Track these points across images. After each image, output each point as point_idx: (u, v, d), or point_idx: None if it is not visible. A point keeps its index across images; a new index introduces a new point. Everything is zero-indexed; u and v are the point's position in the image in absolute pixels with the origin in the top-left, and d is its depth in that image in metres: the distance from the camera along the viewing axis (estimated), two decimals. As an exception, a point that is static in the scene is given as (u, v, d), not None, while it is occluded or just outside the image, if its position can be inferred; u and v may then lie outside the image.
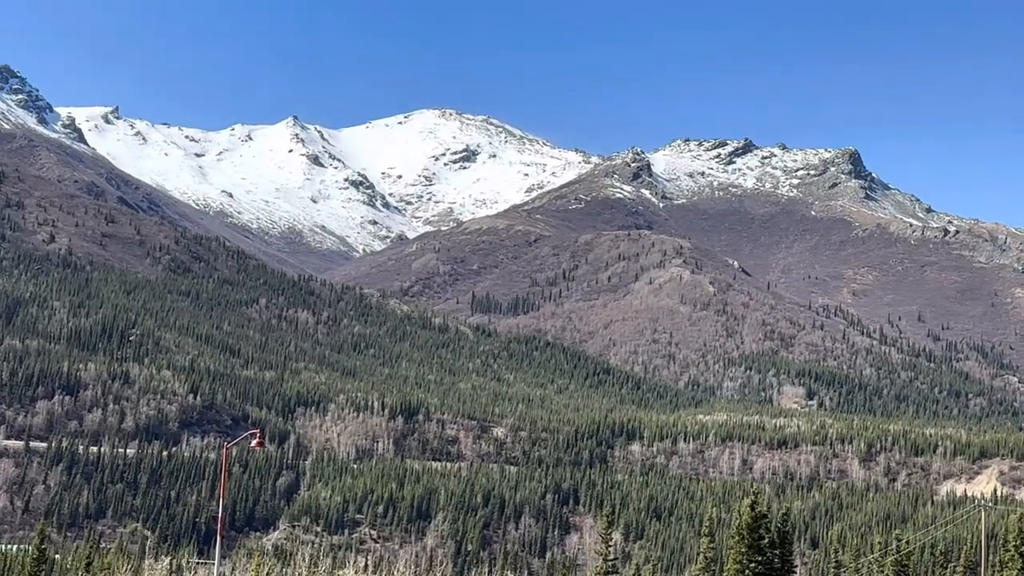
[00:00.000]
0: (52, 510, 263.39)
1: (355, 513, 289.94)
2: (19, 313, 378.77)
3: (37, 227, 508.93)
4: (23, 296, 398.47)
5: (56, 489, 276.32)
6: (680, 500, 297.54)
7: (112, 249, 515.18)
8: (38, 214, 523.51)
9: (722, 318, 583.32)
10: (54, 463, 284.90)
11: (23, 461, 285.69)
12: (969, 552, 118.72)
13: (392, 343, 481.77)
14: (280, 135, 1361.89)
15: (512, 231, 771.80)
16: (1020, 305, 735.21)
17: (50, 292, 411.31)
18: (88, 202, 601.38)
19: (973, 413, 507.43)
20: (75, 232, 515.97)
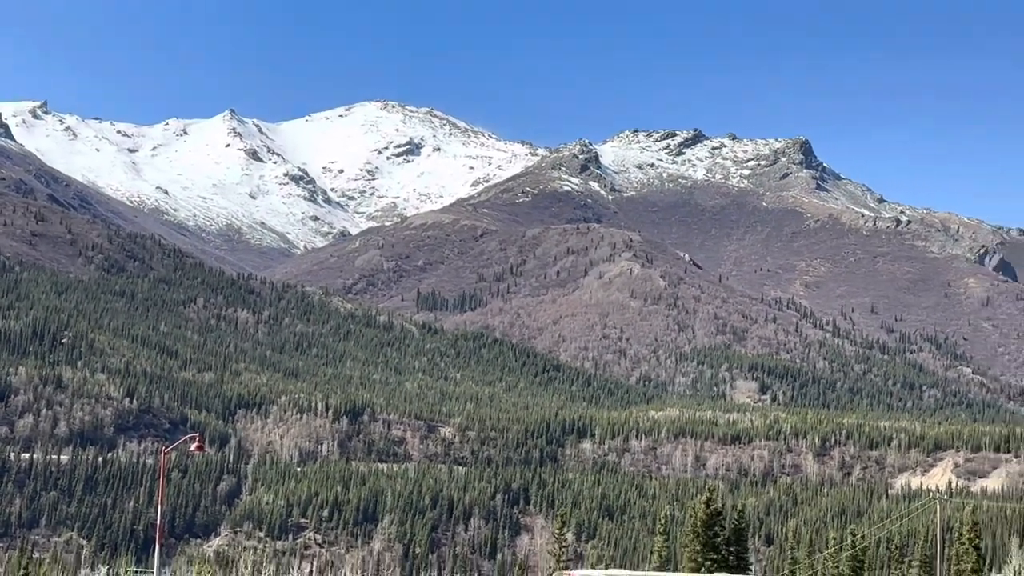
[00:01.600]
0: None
1: (299, 517, 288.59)
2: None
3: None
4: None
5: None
6: (633, 498, 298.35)
7: (42, 249, 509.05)
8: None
9: (673, 312, 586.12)
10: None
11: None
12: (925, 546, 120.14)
13: (335, 342, 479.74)
14: (216, 129, 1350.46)
15: (458, 226, 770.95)
16: (973, 295, 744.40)
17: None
18: (16, 200, 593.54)
19: (927, 405, 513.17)
20: (3, 231, 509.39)
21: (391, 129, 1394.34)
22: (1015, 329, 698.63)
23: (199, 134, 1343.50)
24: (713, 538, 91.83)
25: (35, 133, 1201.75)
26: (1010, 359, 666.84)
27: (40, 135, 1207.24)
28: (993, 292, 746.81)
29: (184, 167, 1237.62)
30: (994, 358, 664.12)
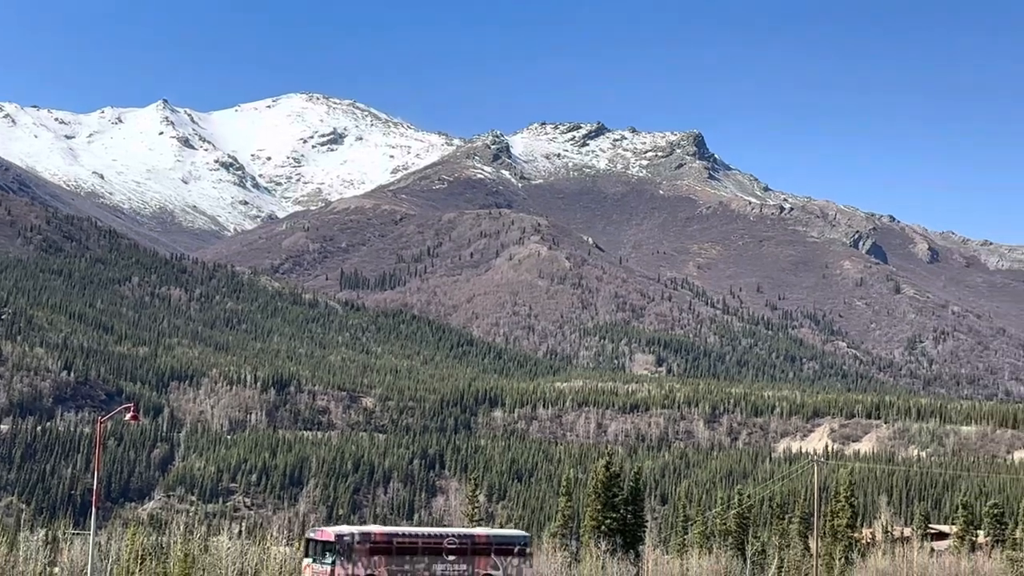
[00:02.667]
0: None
1: (229, 482, 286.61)
2: None
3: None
4: None
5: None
6: (540, 462, 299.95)
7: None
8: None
9: (577, 291, 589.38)
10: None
11: None
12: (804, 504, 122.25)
13: (264, 319, 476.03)
14: (150, 118, 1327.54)
15: (379, 210, 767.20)
16: (848, 276, 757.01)
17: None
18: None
19: (807, 376, 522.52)
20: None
21: (316, 119, 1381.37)
22: (885, 307, 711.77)
23: (133, 122, 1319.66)
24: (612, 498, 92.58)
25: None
26: (881, 334, 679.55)
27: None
28: (866, 273, 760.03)
29: (119, 153, 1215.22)
30: (866, 333, 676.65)
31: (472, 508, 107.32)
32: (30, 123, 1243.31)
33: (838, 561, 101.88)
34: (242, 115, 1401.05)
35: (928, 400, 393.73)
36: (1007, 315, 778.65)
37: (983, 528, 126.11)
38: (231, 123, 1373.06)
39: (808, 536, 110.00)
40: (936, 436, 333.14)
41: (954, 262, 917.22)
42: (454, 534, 59.67)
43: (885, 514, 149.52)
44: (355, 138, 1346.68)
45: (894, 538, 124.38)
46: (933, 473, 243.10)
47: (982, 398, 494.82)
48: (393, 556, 55.94)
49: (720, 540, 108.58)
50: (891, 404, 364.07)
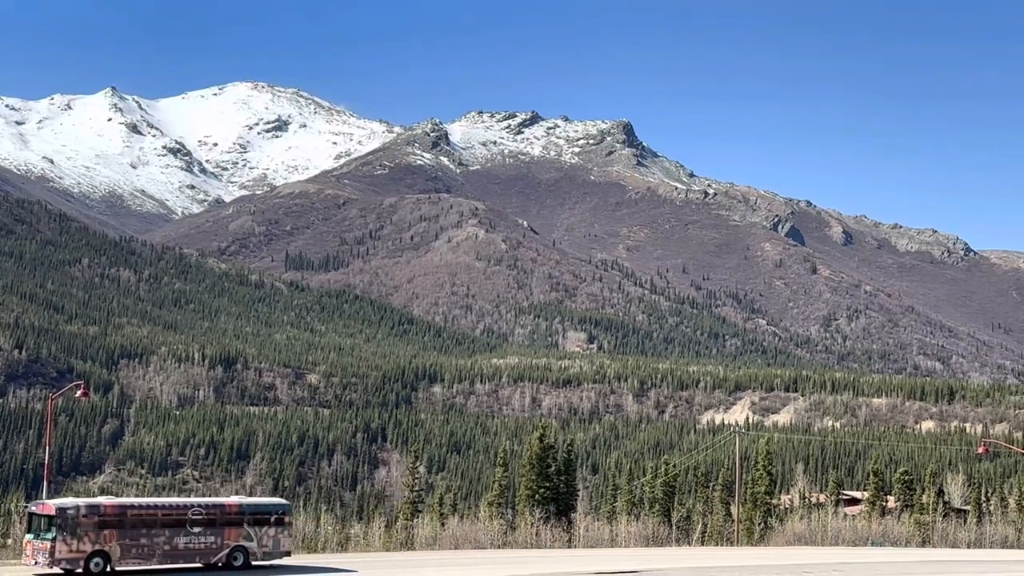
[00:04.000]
0: None
1: (178, 456, 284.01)
2: None
3: None
4: None
5: None
6: (477, 435, 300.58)
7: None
8: None
9: (513, 272, 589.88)
10: None
11: None
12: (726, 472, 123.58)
13: (211, 299, 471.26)
14: (99, 105, 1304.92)
15: (322, 195, 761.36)
16: (768, 257, 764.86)
17: None
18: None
19: (729, 352, 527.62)
20: None
21: (261, 107, 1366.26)
22: (802, 287, 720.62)
23: (82, 109, 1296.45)
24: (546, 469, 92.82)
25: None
26: (798, 312, 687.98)
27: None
28: (785, 255, 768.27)
29: (68, 139, 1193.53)
30: (785, 311, 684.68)
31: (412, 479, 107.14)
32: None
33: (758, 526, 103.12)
34: (189, 102, 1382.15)
35: (842, 374, 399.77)
36: (916, 294, 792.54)
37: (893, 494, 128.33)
38: (178, 110, 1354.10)
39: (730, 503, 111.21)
40: (849, 408, 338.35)
41: (867, 244, 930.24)
42: (200, 504, 53.85)
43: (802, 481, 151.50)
44: (299, 125, 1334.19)
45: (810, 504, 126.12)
46: (846, 443, 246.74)
47: (892, 372, 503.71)
48: (127, 530, 50.09)
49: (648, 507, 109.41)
50: (808, 378, 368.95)
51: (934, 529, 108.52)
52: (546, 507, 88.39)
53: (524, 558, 65.51)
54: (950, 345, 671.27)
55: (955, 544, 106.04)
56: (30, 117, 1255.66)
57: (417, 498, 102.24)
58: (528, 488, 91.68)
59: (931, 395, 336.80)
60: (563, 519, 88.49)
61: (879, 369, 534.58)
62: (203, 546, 52.16)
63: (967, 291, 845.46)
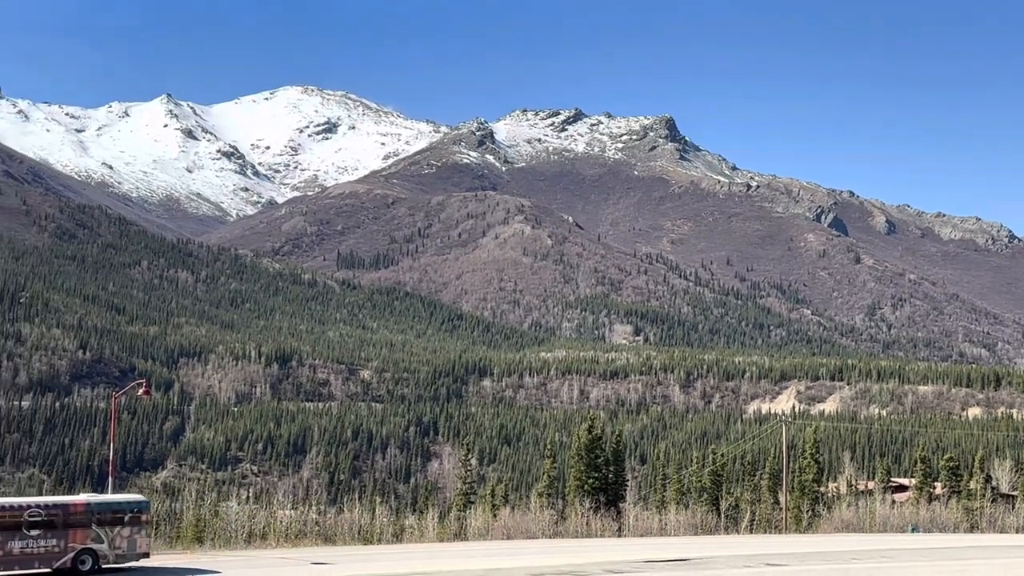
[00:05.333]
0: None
1: (237, 451, 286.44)
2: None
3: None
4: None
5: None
6: (527, 427, 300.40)
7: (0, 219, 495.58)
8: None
9: (560, 267, 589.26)
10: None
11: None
12: (773, 461, 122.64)
13: (266, 298, 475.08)
14: (155, 111, 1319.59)
15: (372, 195, 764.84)
16: (811, 248, 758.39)
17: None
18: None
19: (774, 342, 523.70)
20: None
21: (311, 110, 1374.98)
22: (846, 276, 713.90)
23: (139, 115, 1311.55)
24: (595, 459, 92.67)
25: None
26: (842, 302, 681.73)
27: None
28: (828, 246, 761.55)
29: (127, 145, 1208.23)
30: (829, 301, 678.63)
31: (464, 471, 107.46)
32: (42, 118, 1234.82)
33: (805, 514, 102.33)
34: (242, 107, 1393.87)
35: (887, 362, 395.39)
36: (960, 281, 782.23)
37: (940, 480, 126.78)
38: (231, 115, 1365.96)
39: (778, 491, 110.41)
40: (895, 396, 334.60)
41: (910, 233, 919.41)
42: (39, 504, 47.46)
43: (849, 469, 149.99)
44: (348, 127, 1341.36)
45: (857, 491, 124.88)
46: (893, 430, 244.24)
47: (938, 359, 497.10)
48: None
49: (696, 496, 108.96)
50: (853, 367, 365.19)
51: (982, 515, 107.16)
52: (595, 497, 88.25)
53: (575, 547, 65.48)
54: (995, 332, 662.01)
55: (1003, 529, 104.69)
56: (89, 125, 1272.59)
57: (469, 489, 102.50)
58: (577, 478, 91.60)
59: (977, 382, 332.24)
60: (612, 509, 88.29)
61: (924, 357, 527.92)
62: (43, 550, 46.35)
63: (1012, 278, 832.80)
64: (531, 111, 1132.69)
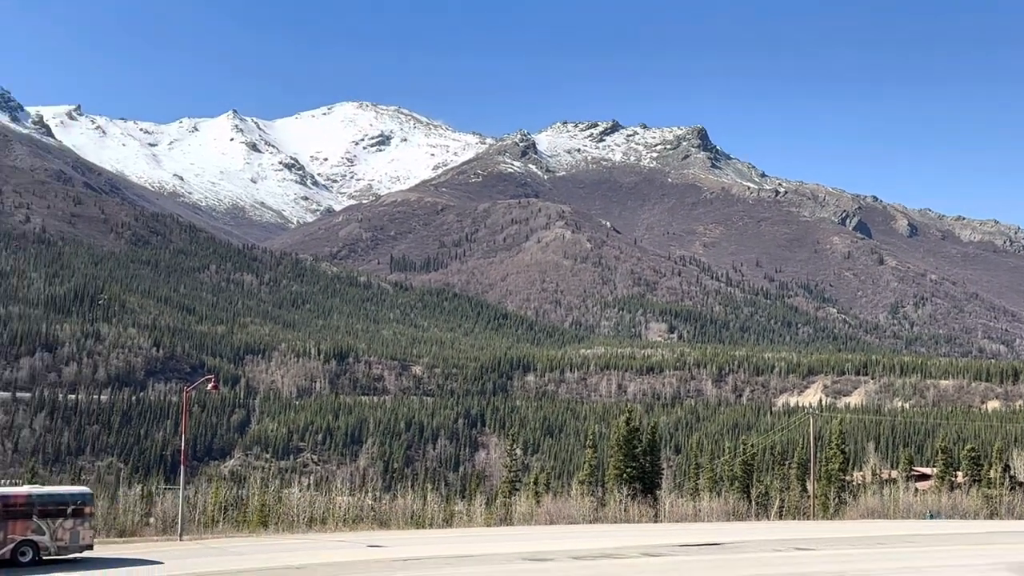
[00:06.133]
0: (38, 449, 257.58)
1: (298, 441, 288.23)
2: (1, 284, 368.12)
3: (14, 210, 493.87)
4: (4, 269, 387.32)
5: (40, 432, 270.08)
6: (568, 419, 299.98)
7: (80, 227, 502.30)
8: (14, 199, 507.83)
9: (598, 269, 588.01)
10: (38, 410, 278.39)
11: (11, 409, 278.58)
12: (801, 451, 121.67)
13: (324, 299, 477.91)
14: (222, 126, 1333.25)
15: (422, 202, 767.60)
16: (836, 250, 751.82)
17: (28, 265, 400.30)
18: (58, 187, 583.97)
19: (802, 339, 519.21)
20: (47, 213, 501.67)
21: (366, 124, 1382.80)
22: (870, 277, 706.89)
23: (208, 130, 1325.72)
24: (632, 449, 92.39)
25: (72, 132, 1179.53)
26: (867, 301, 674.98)
27: (76, 133, 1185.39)
28: (853, 248, 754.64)
29: (196, 158, 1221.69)
30: (854, 300, 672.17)
31: (510, 460, 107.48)
32: (119, 133, 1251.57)
33: (832, 501, 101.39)
34: (302, 122, 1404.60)
35: (910, 358, 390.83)
36: (979, 281, 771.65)
37: (961, 469, 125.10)
38: (292, 129, 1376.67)
39: (805, 479, 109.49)
40: (918, 389, 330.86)
41: (931, 236, 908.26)
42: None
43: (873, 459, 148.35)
44: (400, 139, 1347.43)
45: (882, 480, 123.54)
46: (915, 422, 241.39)
47: (958, 355, 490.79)
48: None
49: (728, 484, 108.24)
50: (877, 362, 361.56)
51: (1001, 502, 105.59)
52: (633, 485, 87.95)
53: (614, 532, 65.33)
54: (1013, 329, 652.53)
55: (1021, 516, 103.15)
56: (162, 139, 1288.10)
57: (514, 477, 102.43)
58: (616, 467, 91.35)
59: (996, 376, 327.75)
60: (649, 496, 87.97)
61: (945, 353, 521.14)
62: None
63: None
64: (571, 123, 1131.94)
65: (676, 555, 48.01)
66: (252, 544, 53.71)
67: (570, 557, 45.67)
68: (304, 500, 73.16)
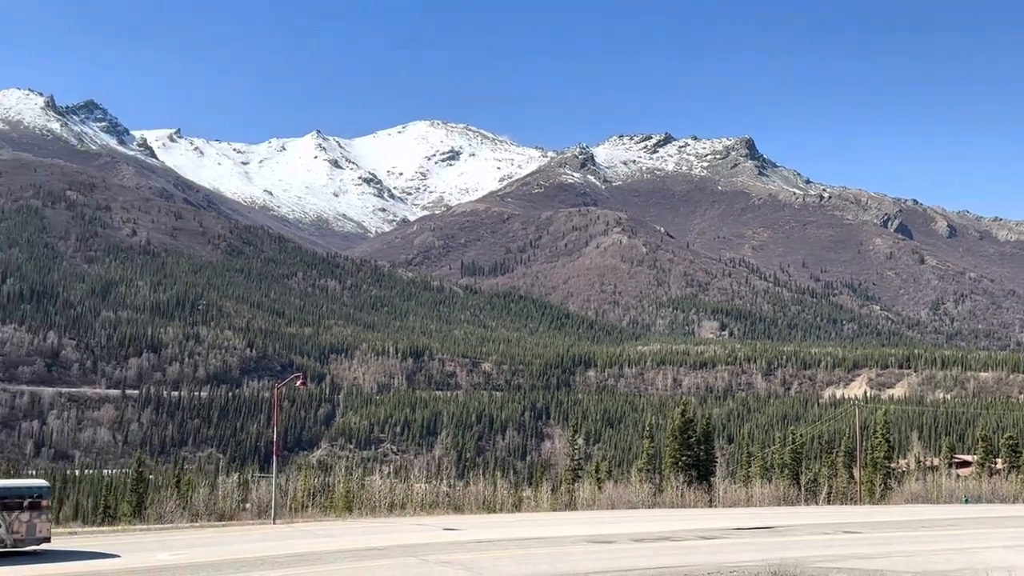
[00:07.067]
0: (145, 441, 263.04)
1: (379, 433, 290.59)
2: (111, 292, 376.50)
3: (122, 224, 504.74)
4: (114, 278, 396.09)
5: (147, 425, 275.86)
6: (627, 411, 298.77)
7: (181, 239, 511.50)
8: (122, 215, 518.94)
9: (653, 271, 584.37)
10: (145, 406, 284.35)
11: (121, 405, 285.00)
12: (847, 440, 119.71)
13: (401, 302, 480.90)
14: (306, 145, 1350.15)
15: (490, 212, 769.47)
16: (879, 251, 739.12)
17: (135, 274, 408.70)
18: (161, 204, 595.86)
19: (847, 335, 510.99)
20: (152, 227, 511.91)
21: (437, 141, 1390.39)
22: (911, 276, 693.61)
23: (294, 149, 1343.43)
24: (688, 439, 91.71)
25: (172, 153, 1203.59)
26: (908, 298, 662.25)
27: (176, 154, 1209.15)
28: (894, 248, 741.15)
29: (283, 174, 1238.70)
30: (896, 298, 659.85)
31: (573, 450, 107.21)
32: (214, 154, 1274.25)
33: (878, 487, 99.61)
34: (378, 140, 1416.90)
35: (951, 352, 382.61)
36: (1016, 279, 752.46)
37: (1000, 456, 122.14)
38: (370, 146, 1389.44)
39: (852, 466, 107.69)
40: (958, 381, 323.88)
41: (969, 236, 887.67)
42: None
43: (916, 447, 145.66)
44: (469, 154, 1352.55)
45: (924, 467, 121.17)
46: (956, 412, 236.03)
47: (997, 349, 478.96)
48: None
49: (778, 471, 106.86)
50: (919, 356, 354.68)
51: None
52: (688, 472, 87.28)
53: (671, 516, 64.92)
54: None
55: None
56: (253, 158, 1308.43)
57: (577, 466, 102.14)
58: (672, 456, 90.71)
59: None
60: (704, 483, 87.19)
61: (984, 347, 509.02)
62: None
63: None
64: (626, 136, 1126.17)
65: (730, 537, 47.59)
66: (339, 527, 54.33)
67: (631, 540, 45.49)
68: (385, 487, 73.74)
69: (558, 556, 38.00)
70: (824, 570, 32.33)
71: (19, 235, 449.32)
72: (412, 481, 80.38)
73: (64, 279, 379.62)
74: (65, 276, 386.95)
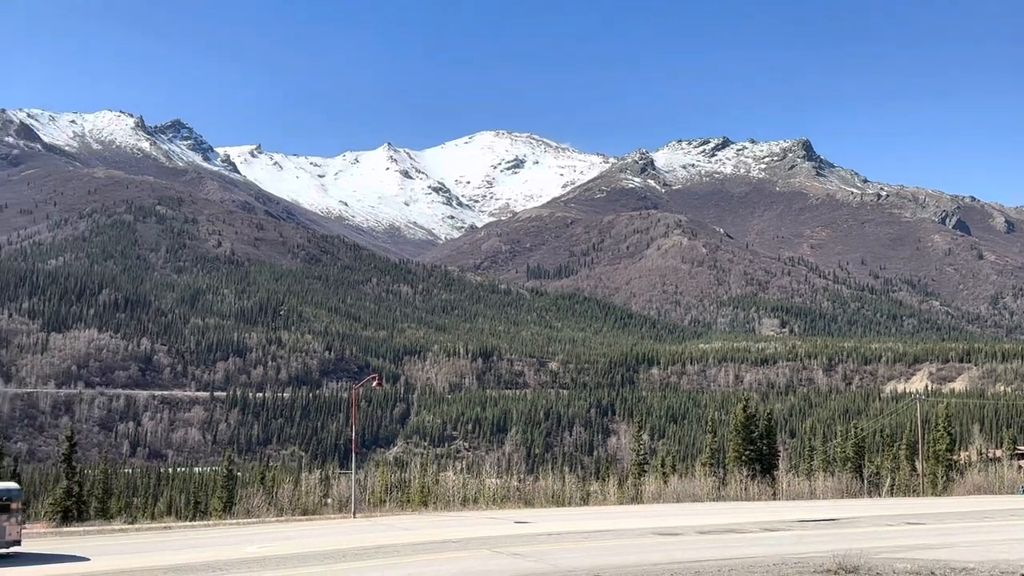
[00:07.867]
0: (232, 440, 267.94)
1: (451, 431, 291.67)
2: (199, 300, 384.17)
3: (208, 236, 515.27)
4: (201, 287, 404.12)
5: (234, 425, 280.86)
6: (690, 408, 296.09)
7: (263, 249, 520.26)
8: (208, 227, 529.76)
9: (713, 271, 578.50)
10: (232, 407, 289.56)
11: (210, 407, 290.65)
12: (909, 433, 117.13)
13: (470, 305, 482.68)
14: (379, 157, 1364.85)
15: (554, 217, 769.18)
16: (937, 248, 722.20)
17: (220, 283, 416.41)
18: (243, 216, 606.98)
19: (907, 330, 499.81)
20: (235, 238, 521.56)
21: (502, 150, 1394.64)
22: (970, 272, 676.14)
23: (367, 161, 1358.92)
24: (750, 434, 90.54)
25: (254, 167, 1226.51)
26: (967, 294, 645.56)
27: (257, 169, 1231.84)
28: (953, 245, 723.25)
29: (357, 186, 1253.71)
30: (955, 294, 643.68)
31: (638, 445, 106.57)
32: (292, 167, 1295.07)
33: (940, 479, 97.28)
34: (446, 150, 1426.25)
35: (1011, 345, 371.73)
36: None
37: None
38: (438, 157, 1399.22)
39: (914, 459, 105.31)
40: (1019, 374, 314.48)
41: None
42: None
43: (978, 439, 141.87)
44: (533, 162, 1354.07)
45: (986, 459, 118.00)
46: (1017, 405, 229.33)
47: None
48: None
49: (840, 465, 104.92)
50: (979, 350, 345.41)
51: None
52: (752, 466, 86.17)
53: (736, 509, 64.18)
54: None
55: None
56: (328, 171, 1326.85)
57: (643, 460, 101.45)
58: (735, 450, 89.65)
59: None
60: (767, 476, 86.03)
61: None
62: None
63: None
64: (685, 141, 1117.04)
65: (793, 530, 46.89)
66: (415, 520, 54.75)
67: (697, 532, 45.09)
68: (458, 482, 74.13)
69: (626, 548, 37.81)
70: (888, 560, 31.67)
71: (114, 248, 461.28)
72: (484, 476, 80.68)
73: (155, 289, 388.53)
74: (156, 286, 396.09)
